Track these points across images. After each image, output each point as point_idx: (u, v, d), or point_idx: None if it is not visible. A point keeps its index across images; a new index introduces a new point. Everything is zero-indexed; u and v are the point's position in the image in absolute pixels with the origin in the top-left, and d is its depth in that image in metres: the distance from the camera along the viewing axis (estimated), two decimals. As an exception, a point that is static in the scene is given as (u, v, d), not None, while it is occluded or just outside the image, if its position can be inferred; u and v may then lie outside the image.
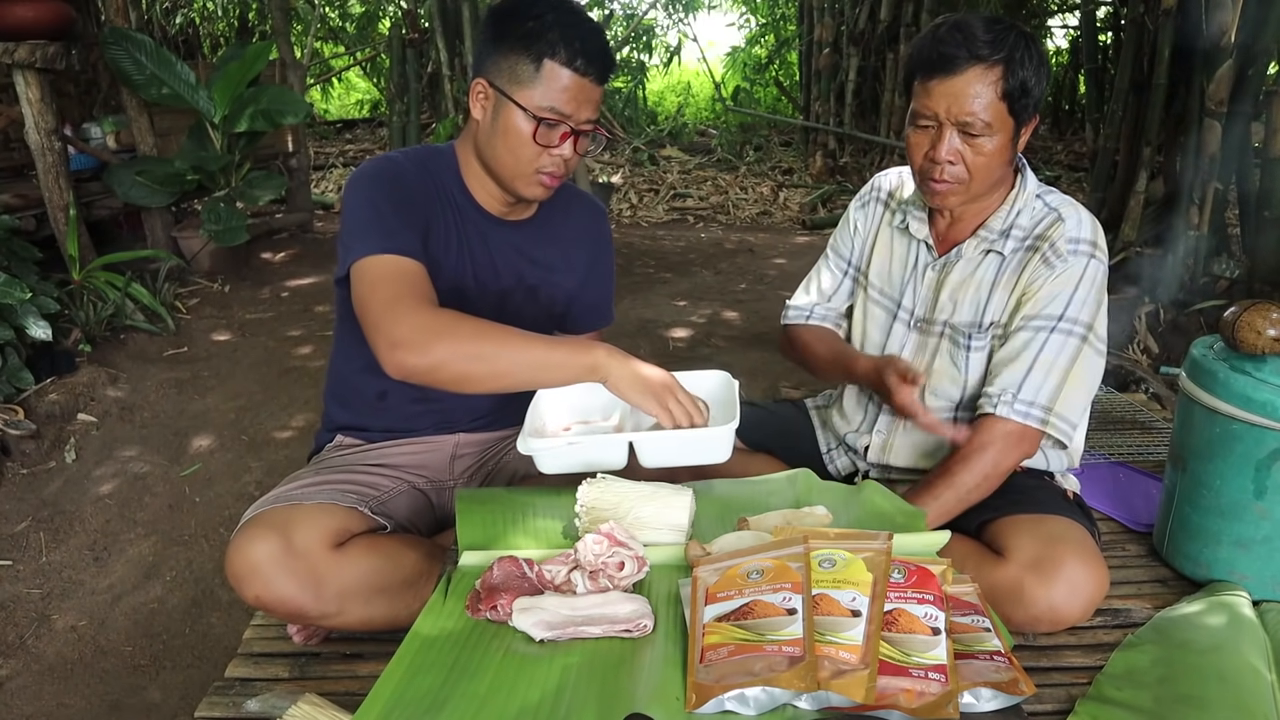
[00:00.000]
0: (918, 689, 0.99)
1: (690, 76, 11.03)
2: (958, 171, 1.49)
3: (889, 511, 1.45)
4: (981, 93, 1.43)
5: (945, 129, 1.47)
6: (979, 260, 1.61)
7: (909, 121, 1.53)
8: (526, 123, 1.42)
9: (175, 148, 4.63)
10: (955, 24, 1.46)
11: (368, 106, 11.09)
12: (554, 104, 1.41)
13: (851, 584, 1.08)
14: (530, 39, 1.39)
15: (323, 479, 1.51)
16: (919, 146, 1.52)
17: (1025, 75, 1.43)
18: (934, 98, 1.46)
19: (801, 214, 6.85)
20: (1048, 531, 1.48)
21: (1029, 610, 1.42)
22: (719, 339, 4.08)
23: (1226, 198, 3.88)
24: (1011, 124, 1.47)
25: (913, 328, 1.68)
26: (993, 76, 1.43)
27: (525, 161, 1.45)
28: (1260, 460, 1.63)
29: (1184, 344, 3.53)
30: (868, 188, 1.80)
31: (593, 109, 1.45)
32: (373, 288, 1.37)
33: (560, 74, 1.40)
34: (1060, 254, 1.52)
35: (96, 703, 2.02)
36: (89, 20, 4.88)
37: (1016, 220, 1.58)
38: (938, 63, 1.44)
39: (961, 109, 1.44)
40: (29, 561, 2.50)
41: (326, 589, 1.35)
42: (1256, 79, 3.64)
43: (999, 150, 1.48)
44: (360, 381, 1.65)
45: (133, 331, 3.79)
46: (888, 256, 1.73)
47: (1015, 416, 1.51)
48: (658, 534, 1.32)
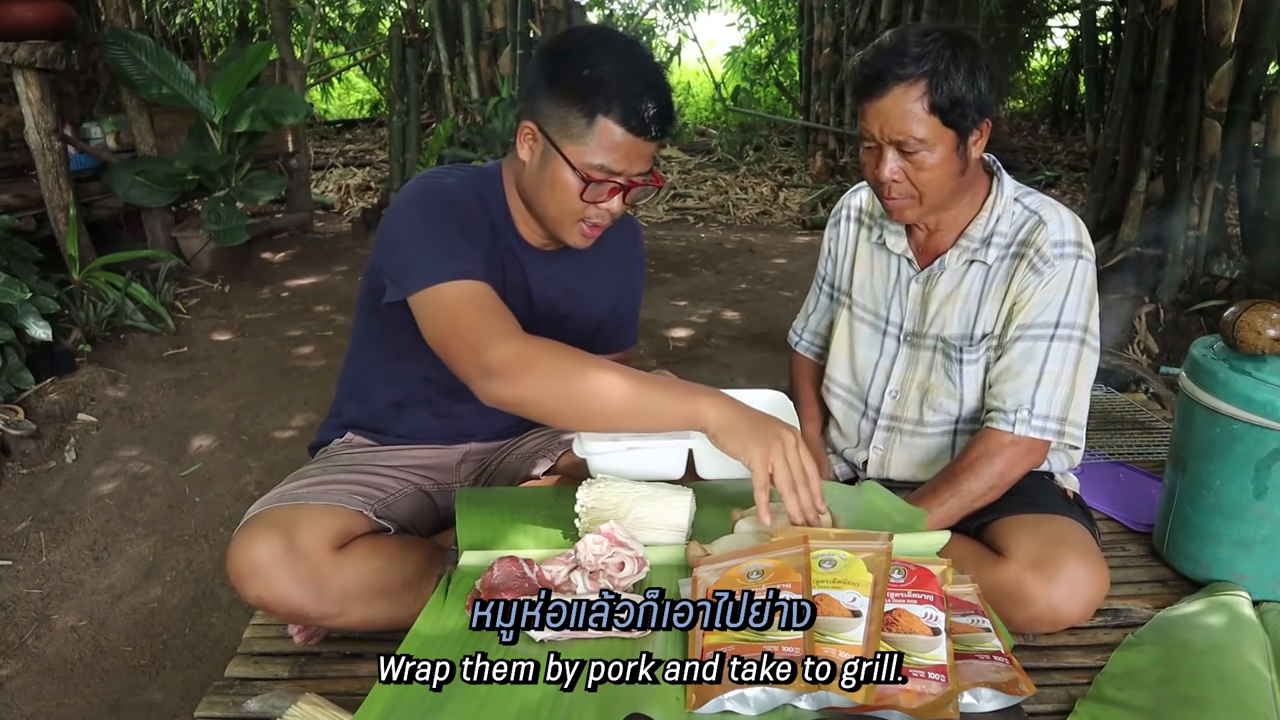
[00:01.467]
0: (918, 689, 0.99)
1: (690, 76, 11.03)
2: (904, 188, 1.48)
3: (889, 511, 1.45)
4: (910, 110, 1.41)
5: (885, 149, 1.46)
6: (963, 271, 1.59)
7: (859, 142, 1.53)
8: (575, 180, 1.36)
9: (175, 148, 4.63)
10: (881, 44, 1.45)
11: (368, 106, 11.09)
12: (605, 163, 1.34)
13: (851, 584, 1.08)
14: (585, 91, 1.31)
15: (330, 479, 1.50)
16: (869, 166, 1.51)
17: (953, 85, 1.40)
18: (868, 119, 1.45)
19: (801, 214, 6.85)
20: (1048, 532, 1.48)
21: (1029, 610, 1.42)
22: (719, 339, 4.08)
23: (1226, 198, 3.88)
24: (951, 135, 1.43)
25: (903, 342, 1.67)
26: (916, 93, 1.40)
27: (570, 214, 1.40)
28: (1260, 460, 1.63)
29: (1184, 344, 3.53)
30: (838, 207, 1.79)
31: (646, 162, 1.38)
32: (454, 315, 1.31)
33: (615, 132, 1.32)
34: (1047, 259, 1.51)
35: (96, 703, 2.02)
36: (89, 20, 4.88)
37: (997, 227, 1.56)
38: (865, 85, 1.44)
39: (892, 128, 1.43)
40: (29, 561, 2.50)
41: (328, 590, 1.35)
42: (1256, 79, 3.64)
43: (942, 163, 1.45)
44: (379, 391, 1.64)
45: (133, 331, 3.79)
46: (869, 273, 1.72)
47: (1033, 433, 1.51)
48: (658, 534, 1.32)
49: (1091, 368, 1.55)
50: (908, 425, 1.67)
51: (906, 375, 1.66)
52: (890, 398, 1.68)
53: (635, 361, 1.73)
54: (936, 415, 1.64)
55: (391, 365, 1.60)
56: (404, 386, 1.61)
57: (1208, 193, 3.76)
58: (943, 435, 1.66)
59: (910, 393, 1.66)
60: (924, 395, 1.65)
